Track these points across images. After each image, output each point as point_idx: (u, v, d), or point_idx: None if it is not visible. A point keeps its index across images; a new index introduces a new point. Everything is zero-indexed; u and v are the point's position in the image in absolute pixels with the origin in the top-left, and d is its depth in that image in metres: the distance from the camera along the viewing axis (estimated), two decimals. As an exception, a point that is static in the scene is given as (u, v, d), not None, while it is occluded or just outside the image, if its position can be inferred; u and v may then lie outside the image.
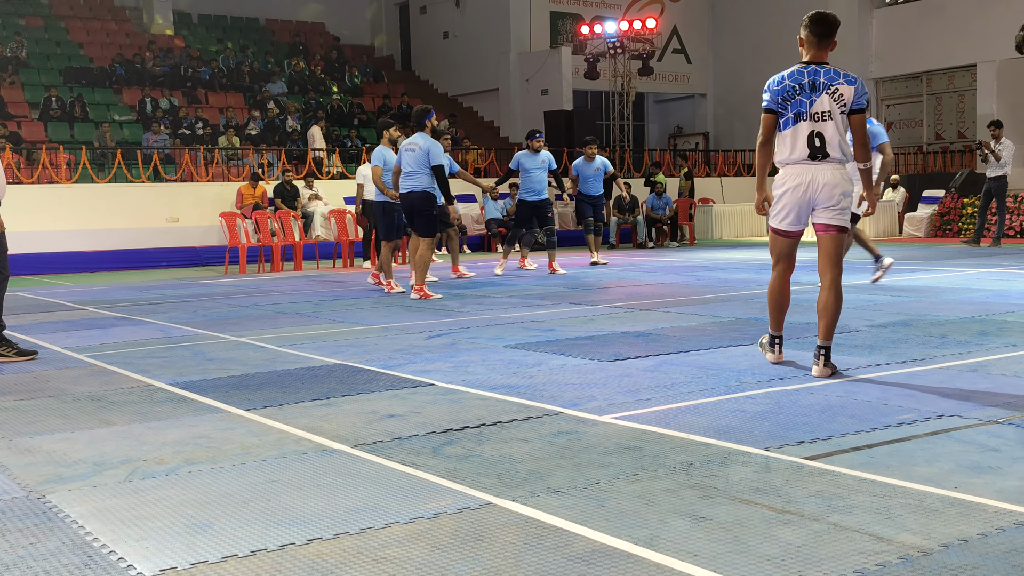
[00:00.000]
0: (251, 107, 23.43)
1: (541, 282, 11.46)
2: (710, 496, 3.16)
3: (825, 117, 5.07)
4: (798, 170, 5.14)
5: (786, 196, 5.18)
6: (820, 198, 5.10)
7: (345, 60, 28.60)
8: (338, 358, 6.18)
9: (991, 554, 2.58)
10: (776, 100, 5.15)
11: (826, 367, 5.11)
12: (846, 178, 5.12)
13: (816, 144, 5.08)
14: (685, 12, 30.33)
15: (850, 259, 13.57)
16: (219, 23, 29.24)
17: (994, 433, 3.83)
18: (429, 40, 30.39)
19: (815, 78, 5.12)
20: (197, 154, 19.22)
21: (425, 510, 3.09)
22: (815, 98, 5.08)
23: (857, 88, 5.10)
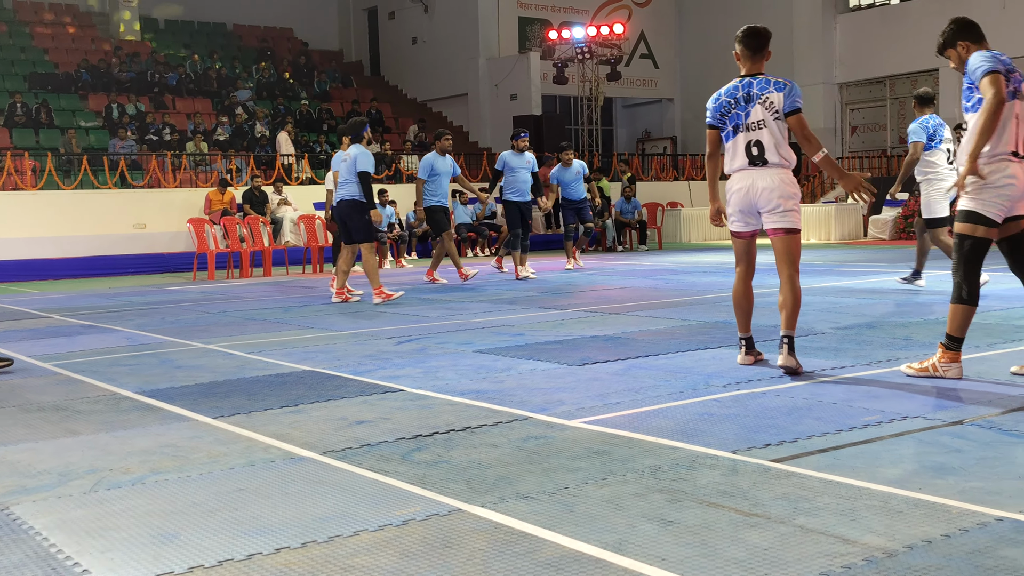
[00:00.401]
0: (219, 112, 23.30)
1: (511, 286, 11.47)
2: (678, 500, 3.17)
3: (760, 126, 5.32)
4: (741, 175, 5.42)
5: (732, 200, 5.48)
6: (760, 202, 5.35)
7: (313, 65, 28.52)
8: (307, 364, 6.16)
9: (954, 555, 2.61)
10: (716, 116, 5.47)
11: (790, 355, 5.23)
12: (787, 182, 5.34)
13: (754, 152, 5.34)
14: (652, 18, 30.51)
15: (816, 262, 13.72)
16: (186, 28, 29.06)
17: (957, 434, 3.88)
18: (398, 45, 30.36)
19: (749, 90, 5.37)
20: (164, 160, 19.09)
21: (394, 517, 3.09)
22: (750, 109, 5.34)
23: (787, 93, 5.29)
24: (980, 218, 4.87)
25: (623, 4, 30.00)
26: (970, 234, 4.90)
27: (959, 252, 4.95)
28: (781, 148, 5.32)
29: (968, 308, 4.92)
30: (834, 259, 14.69)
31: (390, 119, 26.72)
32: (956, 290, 4.97)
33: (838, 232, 20.19)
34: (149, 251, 17.23)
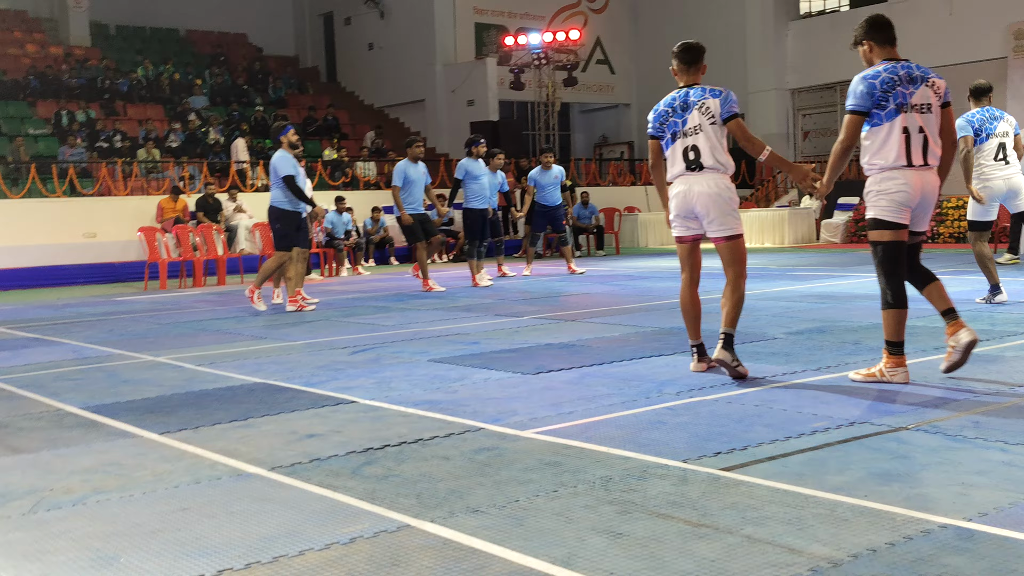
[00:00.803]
0: (171, 119, 23.03)
1: (468, 294, 11.45)
2: (628, 511, 3.17)
3: (696, 131, 5.46)
4: (679, 181, 5.56)
5: (672, 205, 5.62)
6: (698, 206, 5.47)
7: (268, 71, 28.29)
8: (259, 376, 6.09)
9: (898, 564, 2.63)
10: (656, 125, 5.64)
11: (723, 349, 5.34)
12: (723, 186, 5.46)
13: (691, 157, 5.48)
14: (608, 23, 30.66)
15: (769, 266, 13.84)
16: (138, 34, 28.68)
17: (903, 440, 3.92)
18: (354, 51, 30.21)
19: (686, 99, 5.53)
20: (115, 168, 18.82)
21: (341, 535, 3.05)
22: (687, 116, 5.50)
23: (723, 99, 5.45)
24: (886, 223, 5.07)
25: (579, 10, 30.11)
26: (880, 240, 5.08)
27: (875, 259, 5.14)
28: (717, 153, 5.45)
29: (898, 312, 5.05)
30: (787, 263, 14.83)
31: (347, 125, 26.57)
32: (883, 296, 5.11)
33: (791, 236, 20.41)
34: (99, 261, 16.97)
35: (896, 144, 5.03)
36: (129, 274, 16.54)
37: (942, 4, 23.20)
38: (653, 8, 30.21)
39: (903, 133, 5.03)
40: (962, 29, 22.53)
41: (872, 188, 5.13)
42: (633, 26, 31.00)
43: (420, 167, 12.20)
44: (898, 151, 5.03)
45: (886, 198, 5.06)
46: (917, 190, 5.04)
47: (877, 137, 5.09)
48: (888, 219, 5.06)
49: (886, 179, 5.06)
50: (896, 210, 5.04)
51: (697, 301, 5.66)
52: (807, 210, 21.20)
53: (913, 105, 5.05)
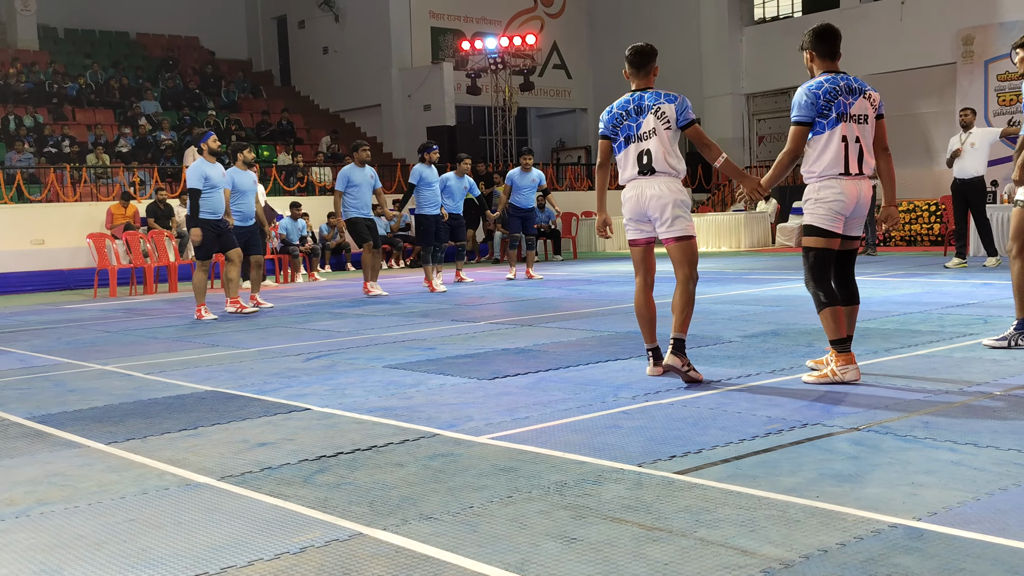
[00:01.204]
0: (121, 124, 22.72)
1: (424, 299, 11.40)
2: (582, 516, 3.15)
3: (650, 135, 5.47)
4: (632, 184, 5.57)
5: (625, 209, 5.60)
6: (650, 209, 5.49)
7: (221, 75, 28.02)
8: (209, 384, 6.00)
9: (849, 564, 2.64)
10: (608, 127, 5.64)
11: (674, 354, 5.36)
12: (674, 189, 5.48)
13: (643, 161, 5.49)
14: (564, 28, 30.76)
15: (725, 270, 13.93)
16: (87, 37, 28.26)
17: (854, 441, 3.95)
18: (309, 55, 30.01)
19: (640, 103, 5.54)
20: (64, 173, 18.51)
21: (291, 544, 3.00)
22: (641, 120, 5.50)
23: (678, 105, 5.48)
24: (820, 231, 5.25)
25: (535, 15, 30.18)
26: (813, 246, 5.29)
27: (806, 264, 5.34)
28: (669, 157, 5.47)
29: (833, 309, 5.20)
30: (742, 267, 14.95)
31: (302, 130, 26.38)
32: (815, 299, 5.30)
33: (747, 240, 20.58)
34: (48, 268, 16.66)
35: (835, 152, 5.19)
36: (78, 281, 16.26)
37: (893, 10, 23.56)
38: (609, 13, 30.37)
39: (842, 142, 5.19)
40: (912, 35, 22.90)
41: (811, 196, 5.30)
42: (589, 31, 31.14)
43: (367, 171, 12.17)
44: (835, 159, 5.19)
45: (823, 206, 5.23)
46: (852, 198, 5.22)
47: (818, 145, 5.25)
48: (822, 227, 5.25)
49: (824, 187, 5.23)
50: (831, 219, 5.23)
51: (652, 305, 5.68)
52: (762, 214, 21.40)
53: (852, 115, 5.22)
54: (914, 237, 19.33)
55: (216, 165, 10.16)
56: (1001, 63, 21.31)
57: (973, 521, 2.93)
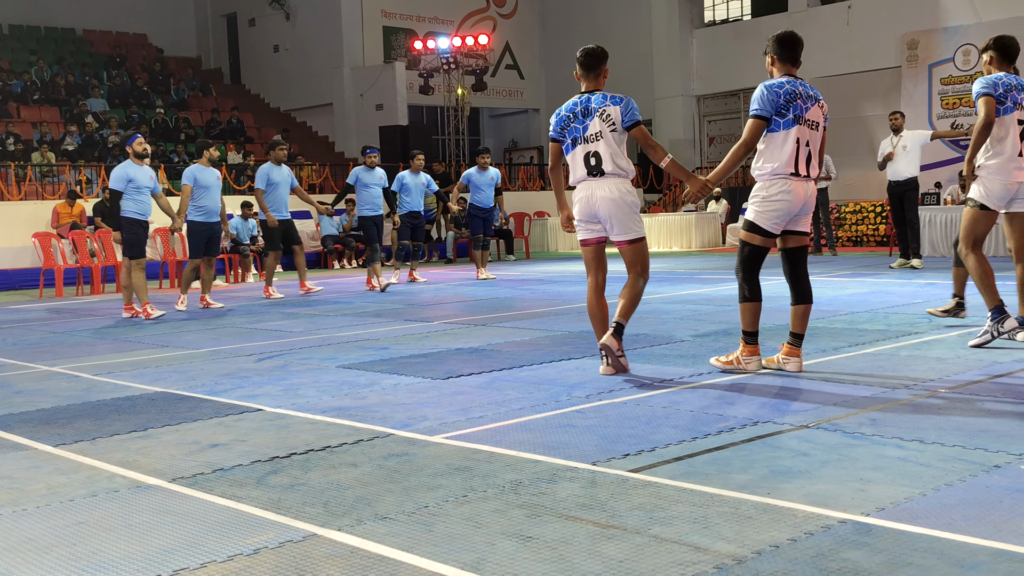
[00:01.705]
0: (68, 121, 22.33)
1: (377, 299, 11.35)
2: (537, 515, 3.17)
3: (597, 138, 5.56)
4: (582, 186, 5.67)
5: (576, 210, 5.71)
6: (600, 210, 5.59)
7: (170, 73, 27.65)
8: (159, 386, 5.92)
9: (800, 559, 2.69)
10: (557, 129, 5.73)
11: (613, 336, 5.53)
12: (623, 191, 5.58)
13: (592, 163, 5.58)
14: (517, 29, 30.81)
15: (677, 270, 14.05)
16: (32, 33, 27.71)
17: (804, 438, 4.01)
18: (259, 53, 29.72)
19: (587, 105, 5.62)
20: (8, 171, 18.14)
21: (245, 546, 2.98)
22: (587, 123, 5.59)
23: (624, 107, 5.55)
24: (760, 230, 5.43)
25: (488, 15, 30.19)
26: (750, 242, 5.47)
27: (740, 257, 5.53)
28: (617, 159, 5.55)
29: (754, 304, 5.48)
30: (694, 267, 15.09)
31: (252, 129, 26.12)
32: (740, 291, 5.53)
33: (698, 240, 20.77)
34: (-8, 268, 16.32)
35: (790, 152, 5.32)
36: (23, 281, 15.93)
37: (839, 15, 23.93)
38: (561, 14, 30.48)
39: (796, 143, 5.32)
40: (859, 39, 23.27)
41: (759, 192, 5.44)
42: (542, 31, 31.22)
43: (284, 170, 12.16)
44: (789, 159, 5.32)
45: (769, 205, 5.39)
46: (800, 198, 5.38)
47: (773, 144, 5.38)
48: (763, 226, 5.42)
49: (773, 185, 5.37)
50: (775, 220, 5.40)
51: (604, 305, 5.74)
52: (713, 215, 21.62)
53: (807, 120, 5.37)
54: (860, 238, 19.64)
55: (143, 168, 10.10)
56: (945, 67, 21.75)
57: (920, 516, 2.99)
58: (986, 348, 6.08)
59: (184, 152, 22.11)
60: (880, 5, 23.33)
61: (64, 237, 15.40)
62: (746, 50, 25.37)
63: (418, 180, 13.73)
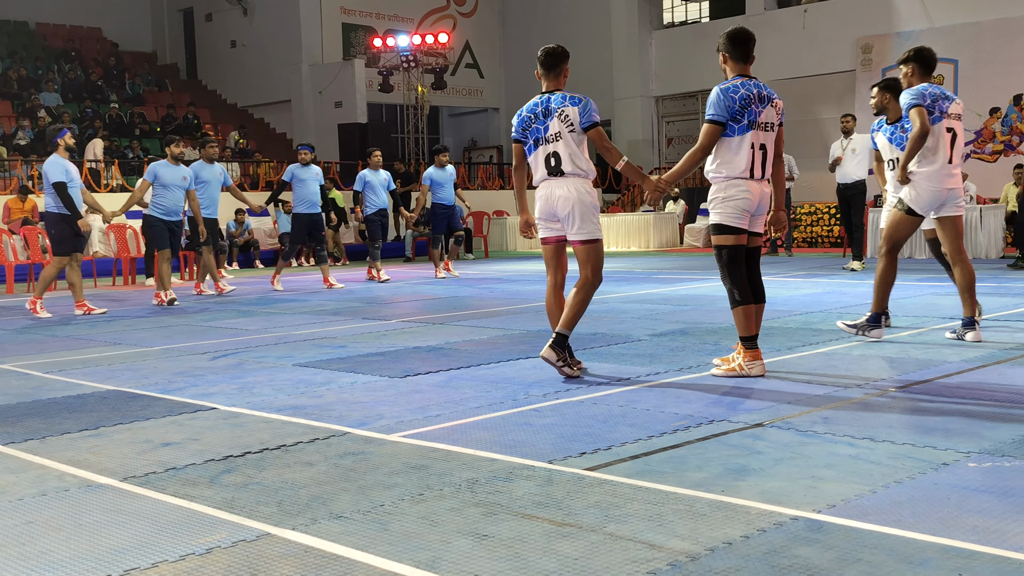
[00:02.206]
0: (19, 115, 21.94)
1: (335, 297, 11.29)
2: (494, 513, 3.17)
3: (556, 138, 5.55)
4: (543, 185, 5.66)
5: (537, 208, 5.71)
6: (559, 209, 5.58)
7: (125, 67, 27.27)
8: (112, 384, 5.84)
9: (752, 555, 2.71)
10: (519, 130, 5.73)
11: (552, 349, 5.46)
12: (582, 190, 5.56)
13: (552, 163, 5.58)
14: (477, 28, 30.79)
15: (635, 270, 14.13)
16: (-17, 26, 27.21)
17: (758, 436, 4.05)
18: (216, 48, 29.42)
19: (547, 105, 5.61)
20: (-43, 166, 17.79)
21: (197, 545, 2.95)
22: (548, 123, 5.58)
23: (582, 108, 5.53)
24: (729, 228, 5.46)
25: (448, 14, 30.14)
26: (724, 244, 5.49)
27: (720, 262, 5.54)
28: (576, 159, 5.54)
29: (747, 308, 5.43)
30: (651, 267, 15.18)
31: (209, 125, 25.83)
32: (730, 296, 5.50)
33: (656, 240, 20.90)
34: (-59, 264, 15.98)
35: (745, 157, 5.38)
36: (-27, 278, 15.63)
37: (796, 18, 24.20)
38: (521, 14, 30.51)
39: (751, 148, 5.38)
40: (814, 43, 23.55)
41: (717, 195, 5.48)
42: (502, 31, 31.23)
43: (216, 168, 12.09)
44: (745, 163, 5.39)
45: (730, 204, 5.44)
46: (756, 197, 5.44)
47: (728, 148, 5.42)
48: (732, 224, 5.45)
49: (731, 187, 5.42)
50: (739, 216, 5.44)
51: (563, 303, 5.72)
52: (671, 215, 21.76)
53: (761, 123, 5.43)
54: (815, 239, 19.88)
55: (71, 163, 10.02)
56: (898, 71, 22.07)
57: (870, 513, 3.03)
58: (935, 348, 6.18)
59: (139, 148, 21.83)
60: (835, 9, 23.64)
61: (15, 233, 15.13)
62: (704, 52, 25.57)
63: (379, 177, 13.69)
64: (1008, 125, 21.19)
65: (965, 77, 21.56)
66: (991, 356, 5.83)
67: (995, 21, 21.09)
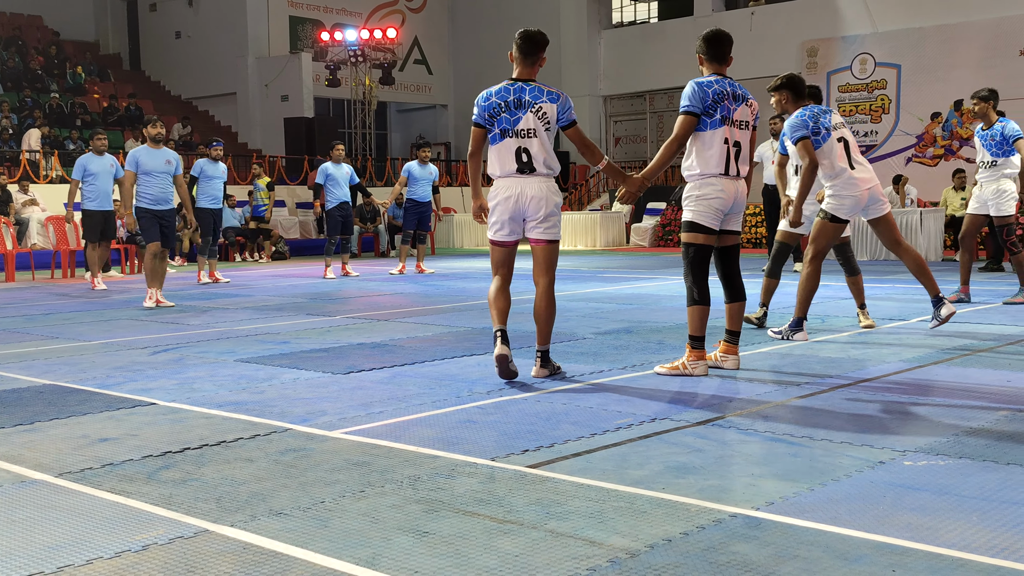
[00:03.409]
0: (-45, 103, 21.41)
1: (278, 292, 11.18)
2: (435, 510, 3.16)
3: (530, 134, 5.28)
4: (508, 183, 5.35)
5: (499, 208, 5.38)
6: (529, 210, 5.34)
7: (66, 57, 26.74)
8: (48, 378, 5.72)
9: (691, 552, 2.74)
10: (483, 116, 5.36)
11: (543, 368, 5.43)
12: (552, 191, 5.36)
13: (523, 159, 5.30)
14: (426, 24, 30.69)
15: (581, 268, 14.18)
16: (-83, 10, 26.50)
17: (699, 434, 4.09)
18: (160, 39, 28.97)
19: (520, 96, 5.29)
20: None
21: (133, 542, 2.90)
22: (520, 116, 5.27)
23: (560, 105, 5.30)
24: (700, 227, 5.43)
25: (396, 9, 30.00)
26: (693, 242, 5.44)
27: (686, 259, 5.47)
28: (550, 159, 5.34)
29: (703, 308, 5.42)
30: (598, 265, 15.26)
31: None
32: (689, 294, 5.46)
33: (603, 239, 21.02)
34: None
35: (717, 153, 5.38)
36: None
37: (743, 21, 24.48)
38: (470, 10, 30.48)
39: (724, 144, 5.38)
40: (761, 45, 23.84)
41: (692, 193, 5.46)
42: (450, 28, 31.16)
43: (106, 160, 11.93)
44: (718, 160, 5.38)
45: (704, 203, 5.40)
46: (731, 195, 5.43)
47: (701, 143, 5.41)
48: (703, 223, 5.42)
49: (705, 184, 5.41)
50: (712, 216, 5.42)
51: (508, 297, 5.47)
52: (618, 214, 21.90)
53: (735, 120, 5.43)
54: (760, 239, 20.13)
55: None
56: (842, 75, 22.45)
57: (807, 510, 3.08)
58: (874, 348, 6.30)
59: (79, 138, 21.41)
60: (782, 13, 23.97)
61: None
62: (653, 52, 25.78)
63: (342, 170, 13.61)
64: (949, 130, 21.67)
65: (908, 82, 22.01)
66: (928, 356, 5.95)
67: (937, 27, 21.55)
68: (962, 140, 21.40)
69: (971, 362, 5.74)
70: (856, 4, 22.82)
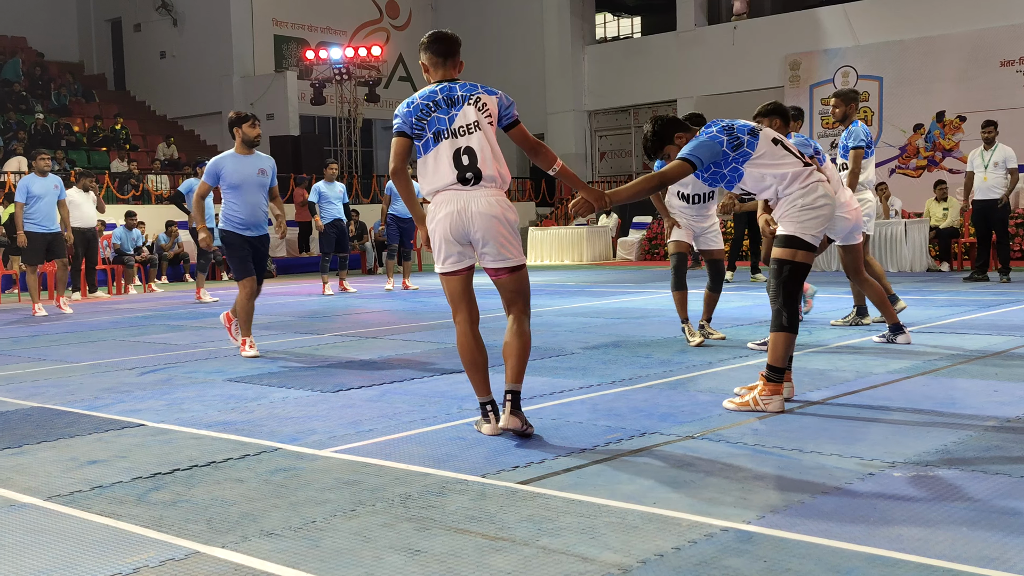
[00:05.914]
0: (-62, 125, 21.32)
1: (266, 311, 11.15)
2: (427, 528, 3.16)
3: (471, 129, 4.35)
4: (448, 197, 4.36)
5: (439, 232, 4.40)
6: (475, 229, 4.35)
7: (51, 77, 26.68)
8: (36, 400, 5.70)
9: (683, 567, 2.74)
10: (408, 122, 4.40)
11: (513, 414, 4.34)
12: (504, 206, 4.39)
13: (465, 162, 4.33)
14: (410, 41, 30.74)
15: (568, 283, 14.21)
16: (-100, 32, 26.41)
17: (690, 448, 4.10)
18: (145, 59, 28.94)
19: (451, 93, 4.41)
20: None
21: (124, 565, 2.89)
22: (455, 112, 4.37)
23: (500, 99, 4.44)
24: (804, 244, 4.79)
25: (381, 26, 30.07)
26: (791, 259, 4.79)
27: (778, 278, 4.80)
28: (498, 159, 4.40)
29: (790, 336, 4.82)
30: (585, 280, 15.29)
31: (137, 136, 25.39)
32: (776, 318, 4.81)
33: (589, 254, 21.05)
34: None
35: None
36: None
37: (725, 36, 24.63)
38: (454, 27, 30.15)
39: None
40: (744, 60, 24.00)
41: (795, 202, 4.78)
42: (435, 45, 31.19)
43: (50, 181, 11.78)
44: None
45: (811, 214, 4.75)
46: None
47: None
48: (807, 239, 4.77)
49: (810, 192, 4.77)
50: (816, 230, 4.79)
51: (483, 345, 4.56)
52: (604, 228, 21.95)
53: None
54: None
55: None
56: (825, 88, 22.59)
57: (798, 523, 3.09)
58: (861, 359, 6.32)
59: (64, 159, 21.35)
60: (764, 27, 24.14)
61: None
62: (636, 68, 25.92)
63: (334, 189, 13.72)
64: (931, 141, 21.83)
65: (890, 94, 22.18)
66: (915, 367, 5.98)
67: (918, 40, 21.74)
68: (944, 151, 21.56)
69: (958, 373, 5.77)
70: (838, 18, 23.01)
